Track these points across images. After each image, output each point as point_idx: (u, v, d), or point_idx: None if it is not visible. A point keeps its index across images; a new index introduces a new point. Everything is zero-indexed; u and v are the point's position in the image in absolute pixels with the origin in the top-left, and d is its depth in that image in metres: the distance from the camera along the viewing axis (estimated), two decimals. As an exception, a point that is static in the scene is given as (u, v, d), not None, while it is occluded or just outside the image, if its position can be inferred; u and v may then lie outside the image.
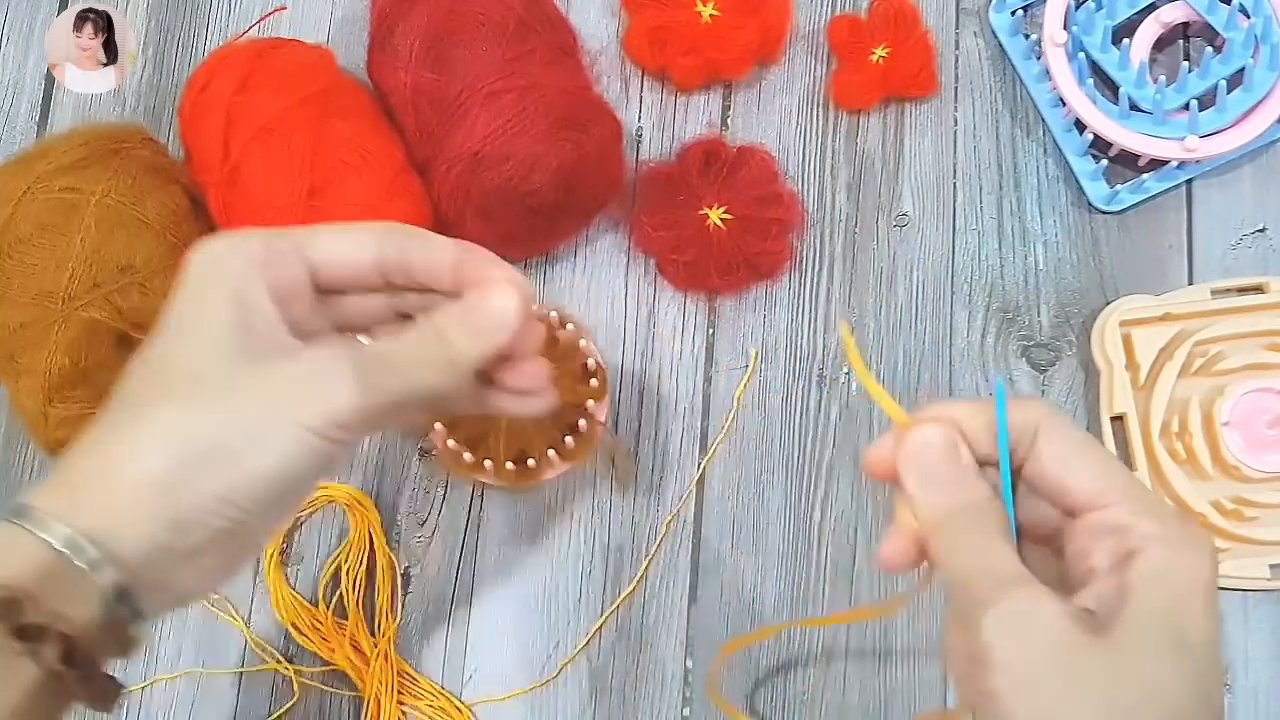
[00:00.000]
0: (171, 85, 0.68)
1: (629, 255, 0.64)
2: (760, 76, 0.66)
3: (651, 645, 0.58)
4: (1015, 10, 0.65)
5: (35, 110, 0.68)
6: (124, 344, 0.55)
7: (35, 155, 0.57)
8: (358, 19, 0.66)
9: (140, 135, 0.60)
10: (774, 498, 0.60)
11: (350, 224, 0.42)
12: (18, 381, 0.56)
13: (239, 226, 0.57)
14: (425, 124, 0.58)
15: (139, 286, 0.55)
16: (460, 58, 0.57)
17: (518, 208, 0.58)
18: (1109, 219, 0.63)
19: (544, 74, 0.58)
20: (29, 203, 0.55)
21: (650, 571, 0.59)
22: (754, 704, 0.57)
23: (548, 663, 0.58)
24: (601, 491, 0.60)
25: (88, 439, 0.37)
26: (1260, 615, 0.57)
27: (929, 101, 0.65)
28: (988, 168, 0.64)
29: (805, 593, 0.59)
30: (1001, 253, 0.63)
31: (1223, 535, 0.56)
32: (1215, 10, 0.62)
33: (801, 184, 0.64)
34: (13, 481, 0.62)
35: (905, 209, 0.64)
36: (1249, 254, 0.62)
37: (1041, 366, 0.61)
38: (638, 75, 0.66)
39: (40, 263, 0.55)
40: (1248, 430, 0.57)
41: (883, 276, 0.63)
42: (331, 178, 0.56)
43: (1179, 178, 0.62)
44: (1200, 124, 0.60)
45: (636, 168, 0.64)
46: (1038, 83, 0.64)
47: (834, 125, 0.65)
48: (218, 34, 0.68)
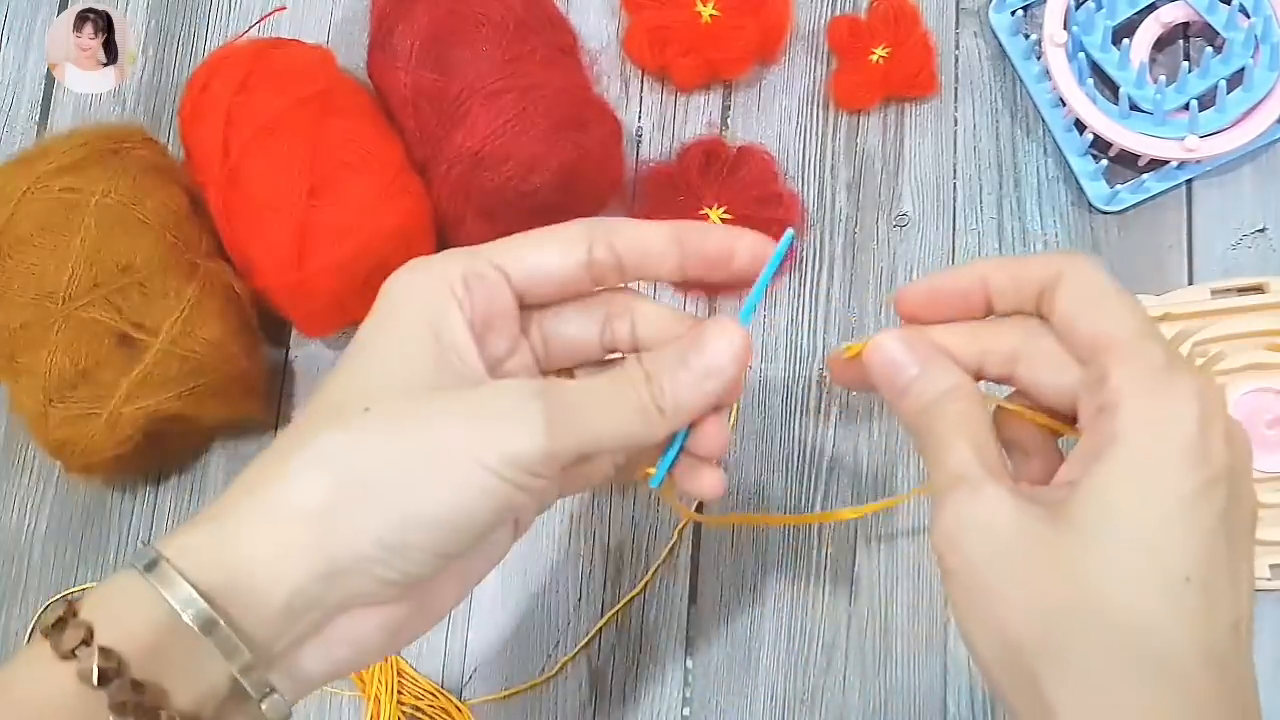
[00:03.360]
0: (171, 85, 0.68)
1: (629, 255, 0.64)
2: (760, 76, 0.66)
3: (651, 645, 0.58)
4: (1015, 10, 0.65)
5: (35, 110, 0.68)
6: (124, 344, 0.55)
7: (35, 155, 0.57)
8: (358, 19, 0.66)
9: (140, 135, 0.60)
10: (774, 498, 0.60)
11: (551, 228, 0.38)
12: (18, 381, 0.56)
13: (239, 226, 0.58)
14: (425, 124, 0.58)
15: (139, 286, 0.55)
16: (460, 58, 0.57)
17: (518, 208, 0.58)
18: (1109, 219, 0.63)
19: (544, 74, 0.58)
20: (29, 203, 0.55)
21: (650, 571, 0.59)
22: (753, 704, 0.57)
23: (547, 662, 0.58)
24: (602, 492, 0.60)
25: (246, 469, 0.34)
26: (1260, 615, 0.56)
27: (929, 101, 0.65)
28: (988, 168, 0.64)
29: (805, 592, 0.59)
30: (1001, 253, 0.63)
31: (1223, 535, 0.56)
32: (1215, 10, 0.62)
33: (801, 184, 0.64)
34: (13, 481, 0.62)
35: (905, 209, 0.64)
36: (1249, 254, 0.62)
37: (1041, 366, 0.61)
38: (638, 75, 0.66)
39: (40, 263, 0.55)
40: (1248, 430, 0.57)
41: (883, 276, 0.63)
42: (331, 178, 0.56)
43: (1179, 178, 0.62)
44: (1200, 124, 0.60)
45: (636, 168, 0.64)
46: (1038, 83, 0.64)
47: (834, 125, 0.65)
48: (218, 34, 0.68)
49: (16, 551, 0.61)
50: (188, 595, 0.31)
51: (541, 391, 0.34)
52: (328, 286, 0.56)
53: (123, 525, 0.61)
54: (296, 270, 0.56)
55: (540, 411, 0.33)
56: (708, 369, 0.35)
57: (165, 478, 0.62)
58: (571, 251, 0.37)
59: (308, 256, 0.56)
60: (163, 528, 0.61)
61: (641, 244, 0.37)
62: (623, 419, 0.35)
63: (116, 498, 0.62)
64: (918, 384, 0.36)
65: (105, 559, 0.61)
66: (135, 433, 0.55)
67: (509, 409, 0.33)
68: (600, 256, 0.37)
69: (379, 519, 0.32)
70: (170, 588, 0.31)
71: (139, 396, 0.54)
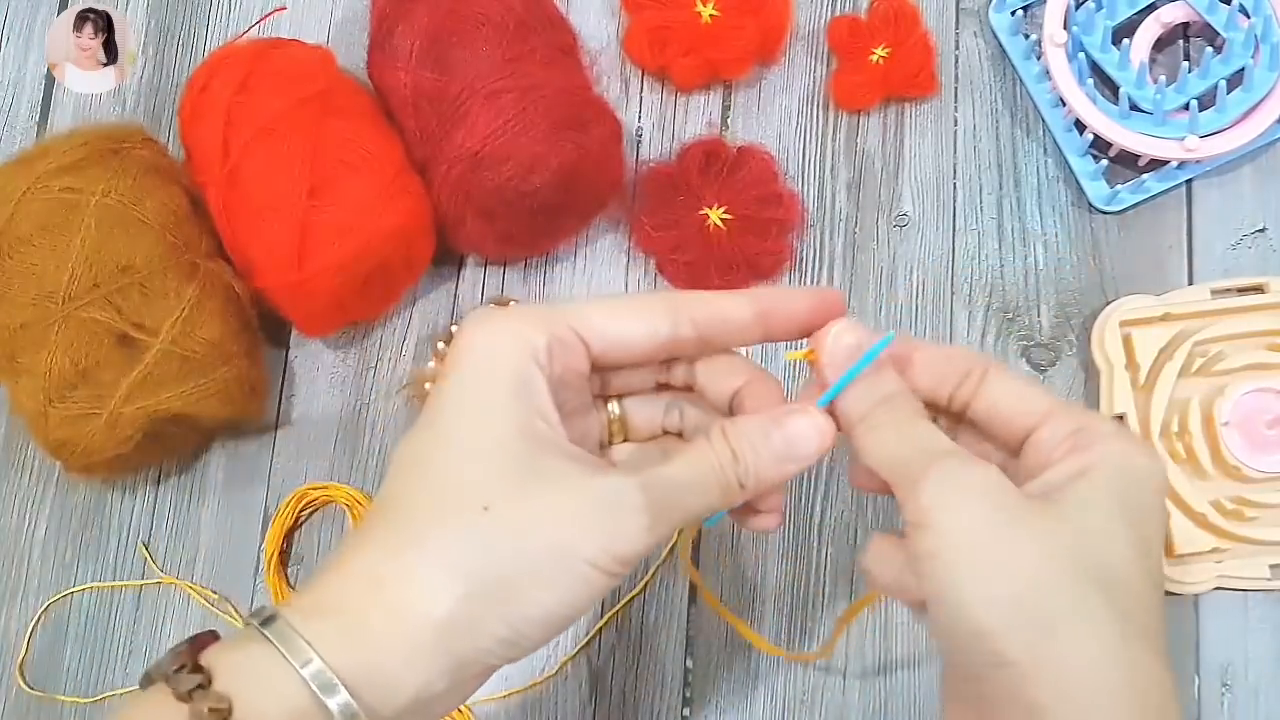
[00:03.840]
0: (171, 85, 0.68)
1: (629, 255, 0.64)
2: (760, 76, 0.66)
3: (651, 645, 0.58)
4: (1015, 10, 0.65)
5: (35, 110, 0.68)
6: (124, 344, 0.55)
7: (35, 155, 0.57)
8: (358, 19, 0.66)
9: (140, 135, 0.60)
10: (774, 498, 0.60)
11: (634, 299, 0.39)
12: (18, 381, 0.56)
13: (239, 226, 0.57)
14: (425, 124, 0.58)
15: (139, 286, 0.55)
16: (460, 58, 0.57)
17: (518, 208, 0.58)
18: (1109, 219, 0.63)
19: (544, 74, 0.58)
20: (29, 203, 0.55)
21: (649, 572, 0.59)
22: (753, 704, 0.57)
23: (547, 662, 0.58)
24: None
25: (357, 558, 0.34)
26: (1260, 615, 0.57)
27: (929, 101, 0.65)
28: (988, 168, 0.64)
29: (805, 592, 0.59)
30: (1001, 253, 0.63)
31: (1223, 535, 0.56)
32: (1215, 10, 0.62)
33: (801, 184, 0.64)
34: (13, 481, 0.62)
35: (905, 209, 0.64)
36: (1249, 254, 0.62)
37: (1041, 366, 0.61)
38: (638, 75, 0.66)
39: (40, 263, 0.55)
40: (1248, 430, 0.57)
41: (883, 276, 0.63)
42: (331, 178, 0.56)
43: (1179, 178, 0.62)
44: (1200, 124, 0.60)
45: (636, 168, 0.64)
46: (1038, 83, 0.64)
47: (834, 125, 0.65)
48: (218, 34, 0.68)
49: (16, 551, 0.61)
50: (329, 681, 0.32)
51: (644, 486, 0.35)
52: (328, 286, 0.56)
53: (123, 525, 0.61)
54: (296, 270, 0.56)
55: (645, 508, 0.35)
56: (791, 455, 0.37)
57: (165, 478, 0.62)
58: (656, 327, 0.37)
59: (308, 256, 0.56)
60: (163, 527, 0.61)
61: (723, 317, 0.38)
62: (709, 496, 0.37)
63: (116, 498, 0.62)
64: (883, 373, 0.38)
65: (105, 559, 0.61)
66: (135, 433, 0.55)
67: (616, 511, 0.34)
68: (684, 334, 0.38)
69: (499, 621, 0.34)
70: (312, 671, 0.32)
71: (139, 396, 0.54)
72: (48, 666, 0.60)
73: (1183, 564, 0.57)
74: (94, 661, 0.60)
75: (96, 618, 0.60)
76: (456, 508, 0.34)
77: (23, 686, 0.59)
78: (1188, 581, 0.56)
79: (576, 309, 0.37)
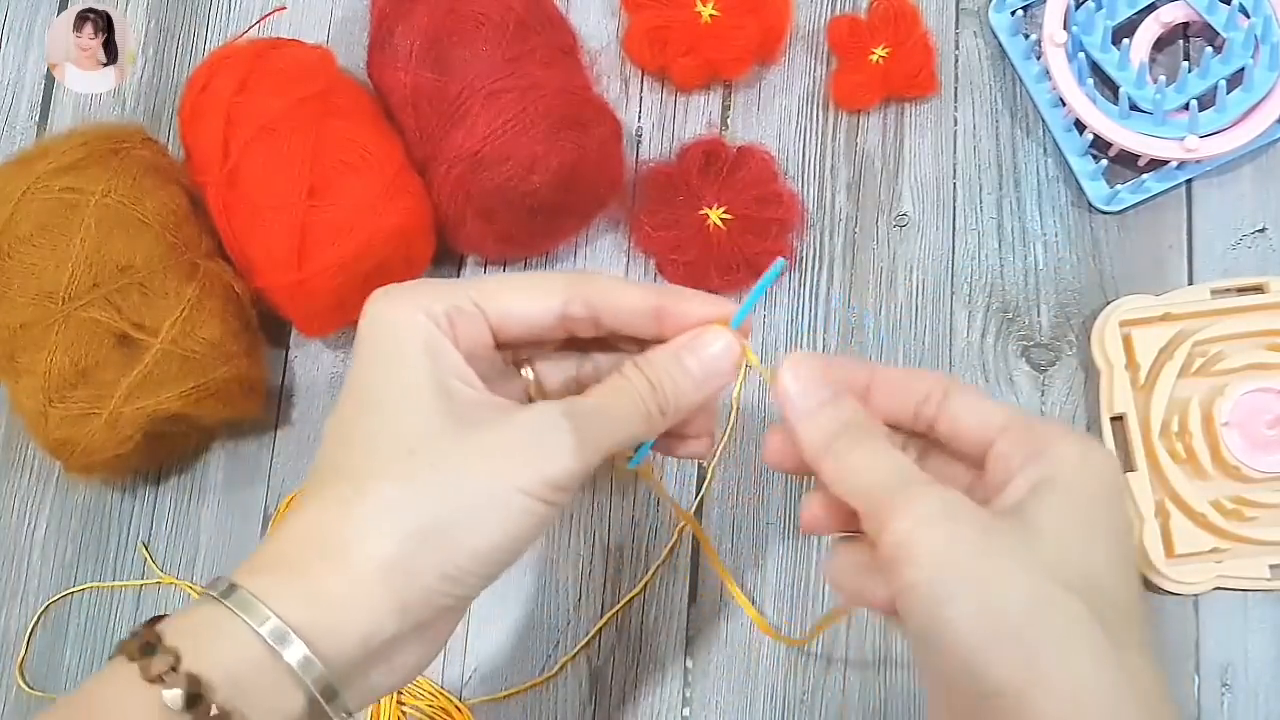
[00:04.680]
0: (171, 85, 0.68)
1: (629, 255, 0.64)
2: (760, 76, 0.66)
3: (651, 645, 0.58)
4: (1015, 10, 0.65)
5: (35, 110, 0.68)
6: (124, 344, 0.55)
7: (35, 155, 0.57)
8: (358, 19, 0.66)
9: (140, 135, 0.60)
10: (774, 498, 0.60)
11: (532, 276, 0.40)
12: (18, 381, 0.56)
13: (239, 226, 0.57)
14: (425, 124, 0.58)
15: (139, 286, 0.55)
16: (460, 58, 0.57)
17: (518, 208, 0.58)
18: (1109, 219, 0.63)
19: (544, 74, 0.58)
20: (29, 203, 0.55)
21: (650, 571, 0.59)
22: (753, 704, 0.57)
23: (547, 662, 0.58)
24: (601, 491, 0.60)
25: (296, 518, 0.36)
26: (1260, 615, 0.57)
27: (929, 101, 0.65)
28: (988, 168, 0.64)
29: (805, 592, 0.59)
30: (1001, 253, 0.63)
31: (1223, 535, 0.56)
32: (1215, 10, 0.62)
33: (801, 184, 0.64)
34: (13, 481, 0.62)
35: (905, 209, 0.64)
36: (1249, 254, 0.62)
37: (1041, 367, 0.61)
38: (638, 75, 0.66)
39: (40, 263, 0.55)
40: (1248, 430, 0.57)
41: (883, 276, 0.63)
42: (331, 178, 0.56)
43: (1179, 178, 0.62)
44: (1200, 124, 0.60)
45: (636, 168, 0.64)
46: (1038, 83, 0.64)
47: (834, 125, 0.65)
48: (218, 34, 0.68)
49: (16, 551, 0.61)
50: (278, 629, 0.33)
51: (567, 413, 0.36)
52: (328, 286, 0.56)
53: (123, 525, 0.61)
54: (296, 270, 0.56)
55: (569, 432, 0.36)
56: (706, 374, 0.39)
57: (165, 478, 0.62)
58: (548, 304, 0.39)
59: (308, 256, 0.56)
60: (163, 527, 0.61)
61: (619, 307, 0.39)
62: (633, 426, 0.38)
63: (116, 498, 0.62)
64: (843, 400, 0.39)
65: (105, 559, 0.61)
66: (135, 433, 0.55)
67: (543, 436, 0.36)
68: (575, 313, 0.39)
69: (441, 557, 0.35)
70: (260, 622, 0.33)
71: (139, 396, 0.54)
72: (48, 666, 0.60)
73: (1183, 564, 0.57)
74: (94, 661, 0.60)
75: (96, 618, 0.60)
76: (389, 458, 0.35)
77: (23, 686, 0.59)
78: (1188, 581, 0.56)
79: (474, 282, 0.39)
